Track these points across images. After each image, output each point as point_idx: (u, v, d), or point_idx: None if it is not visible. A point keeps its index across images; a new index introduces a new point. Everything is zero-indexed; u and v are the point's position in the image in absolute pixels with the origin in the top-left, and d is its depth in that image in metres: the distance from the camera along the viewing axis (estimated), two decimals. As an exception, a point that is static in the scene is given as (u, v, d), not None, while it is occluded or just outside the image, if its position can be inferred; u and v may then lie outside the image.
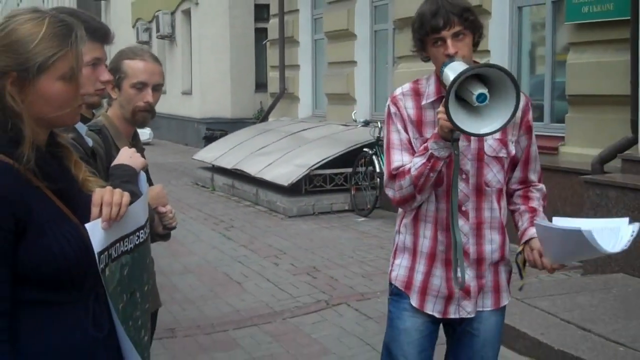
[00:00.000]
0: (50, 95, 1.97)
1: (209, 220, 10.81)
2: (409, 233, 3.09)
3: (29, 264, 1.92)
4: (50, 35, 1.95)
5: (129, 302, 2.27)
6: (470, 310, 3.06)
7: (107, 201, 2.03)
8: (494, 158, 2.98)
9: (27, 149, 1.92)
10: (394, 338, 3.14)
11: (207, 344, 5.85)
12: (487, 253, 3.05)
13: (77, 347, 2.03)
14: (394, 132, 3.01)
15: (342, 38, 12.94)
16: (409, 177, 2.88)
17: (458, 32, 2.85)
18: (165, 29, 22.14)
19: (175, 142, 22.23)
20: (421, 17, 2.88)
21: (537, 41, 9.19)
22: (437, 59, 2.90)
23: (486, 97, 2.61)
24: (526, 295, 6.11)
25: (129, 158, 2.69)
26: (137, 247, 2.28)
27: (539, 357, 5.18)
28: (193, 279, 7.71)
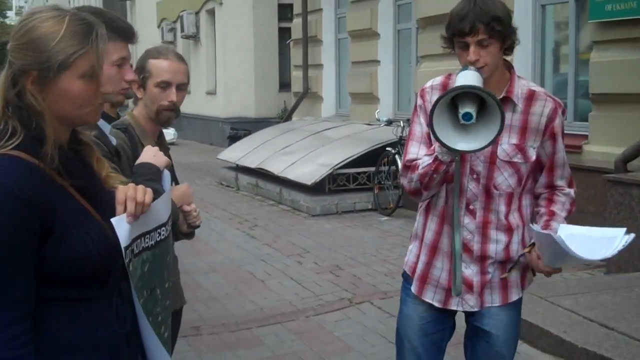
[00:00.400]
0: (71, 94, 1.97)
1: (233, 219, 10.88)
2: (420, 222, 3.22)
3: (54, 263, 1.94)
4: (71, 34, 1.95)
5: (150, 298, 2.30)
6: (473, 304, 3.13)
7: (131, 197, 2.05)
8: (507, 162, 2.99)
9: (50, 148, 1.93)
10: (400, 321, 3.32)
11: (231, 341, 5.91)
12: (491, 252, 3.08)
13: (101, 343, 2.05)
14: (416, 124, 3.08)
15: (366, 37, 12.97)
16: (417, 173, 2.97)
17: (482, 40, 2.84)
18: (190, 28, 22.21)
19: (199, 141, 22.32)
20: (451, 18, 2.90)
21: (560, 40, 9.16)
22: (460, 60, 2.94)
23: (472, 116, 2.65)
24: (549, 293, 6.12)
25: (153, 157, 2.72)
26: (158, 243, 2.31)
27: (562, 354, 5.19)
28: (217, 278, 7.77)
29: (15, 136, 1.93)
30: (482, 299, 3.13)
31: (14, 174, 1.89)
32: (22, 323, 1.89)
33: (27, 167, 1.92)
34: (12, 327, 1.88)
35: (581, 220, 7.59)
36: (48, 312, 1.97)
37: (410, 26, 12.12)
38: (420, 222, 3.21)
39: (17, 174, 1.89)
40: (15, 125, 1.94)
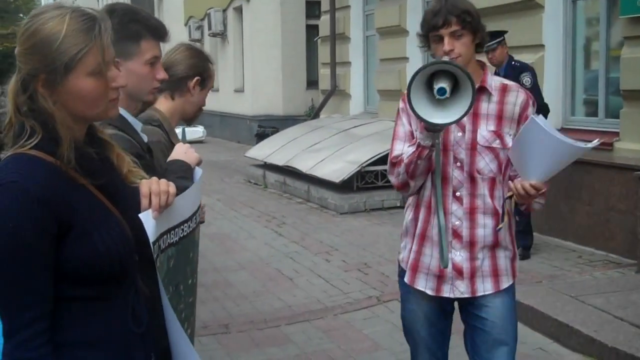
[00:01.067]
0: (81, 93, 1.97)
1: (261, 217, 10.92)
2: (409, 217, 3.39)
3: (75, 262, 1.94)
4: (73, 32, 1.94)
5: (174, 295, 2.32)
6: (463, 290, 3.28)
7: (155, 191, 2.07)
8: (487, 148, 3.19)
9: (66, 148, 1.93)
10: (405, 318, 3.50)
11: (260, 339, 5.94)
12: (480, 237, 3.24)
13: (117, 342, 2.06)
14: (399, 126, 3.34)
15: (394, 34, 12.95)
16: (403, 166, 3.19)
17: (455, 31, 3.10)
18: (217, 26, 22.27)
19: (227, 139, 22.40)
20: (425, 16, 3.18)
21: (591, 35, 9.09)
22: (436, 55, 3.18)
23: (446, 91, 2.84)
24: (580, 292, 6.11)
25: (184, 154, 2.72)
26: (182, 239, 2.33)
27: (593, 354, 5.17)
28: (246, 275, 7.82)
29: (33, 136, 1.94)
30: (473, 286, 3.28)
31: (31, 174, 1.89)
32: (39, 324, 1.90)
33: (45, 166, 1.93)
34: (29, 328, 1.88)
35: (612, 218, 7.56)
36: (66, 311, 1.98)
37: (439, 23, 12.08)
38: (410, 216, 3.39)
39: (34, 173, 1.90)
40: (32, 125, 1.95)
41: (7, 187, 1.86)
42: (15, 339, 1.89)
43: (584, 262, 7.58)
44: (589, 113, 8.96)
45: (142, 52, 2.72)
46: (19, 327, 1.89)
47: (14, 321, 1.89)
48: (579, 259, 7.72)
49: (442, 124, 2.92)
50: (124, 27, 2.66)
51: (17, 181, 1.87)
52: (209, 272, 7.74)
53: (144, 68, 2.73)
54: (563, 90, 8.95)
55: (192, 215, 2.43)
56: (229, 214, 11.20)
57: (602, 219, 7.86)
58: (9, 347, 1.90)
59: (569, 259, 7.71)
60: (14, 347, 1.89)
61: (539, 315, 5.77)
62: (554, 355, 5.33)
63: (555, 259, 7.73)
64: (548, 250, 8.08)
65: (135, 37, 2.70)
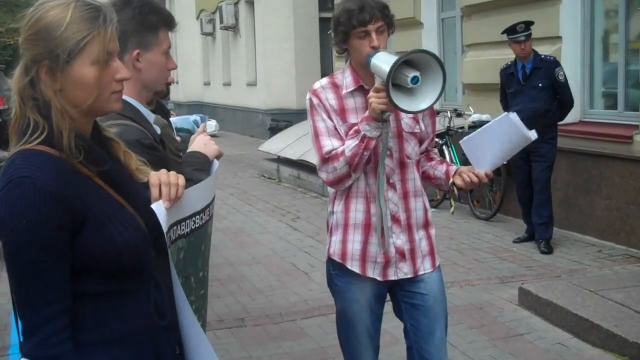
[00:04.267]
0: (84, 81, 1.97)
1: (275, 211, 10.94)
2: (340, 211, 3.45)
3: (93, 256, 1.95)
4: (77, 19, 1.95)
5: (185, 286, 2.30)
6: (407, 271, 3.45)
7: (165, 181, 2.09)
8: (411, 134, 3.42)
9: (67, 138, 1.93)
10: (346, 308, 3.52)
11: (276, 333, 5.96)
12: (414, 219, 3.45)
13: (141, 335, 2.06)
14: (319, 121, 3.40)
15: (409, 26, 12.91)
16: (343, 159, 3.25)
17: (380, 26, 3.25)
18: (229, 19, 22.25)
19: (240, 133, 22.42)
20: (349, 12, 3.24)
21: (610, 27, 9.05)
22: (360, 50, 3.27)
23: (419, 79, 2.98)
24: (600, 287, 6.10)
25: (204, 145, 2.73)
26: (193, 232, 2.34)
27: (613, 348, 5.16)
28: (261, 270, 7.84)
29: (38, 131, 1.94)
30: (415, 267, 3.46)
31: (40, 168, 1.89)
32: (59, 321, 1.90)
33: (54, 161, 1.93)
34: (48, 325, 1.88)
35: (632, 212, 7.54)
36: (89, 307, 1.98)
37: (455, 14, 12.05)
38: (340, 209, 3.44)
39: (44, 168, 1.89)
40: (37, 120, 1.95)
41: (18, 183, 1.86)
42: (36, 337, 1.88)
43: (604, 257, 7.56)
44: (608, 106, 8.92)
45: (160, 42, 2.75)
46: (39, 324, 1.88)
47: (34, 319, 1.89)
48: (599, 253, 7.71)
49: (419, 110, 3.09)
50: (144, 18, 2.69)
51: (27, 176, 1.86)
52: (223, 266, 7.77)
53: (161, 58, 2.77)
54: (581, 82, 8.92)
55: (205, 207, 2.44)
56: (243, 208, 11.22)
57: (622, 213, 7.84)
58: (30, 345, 1.90)
59: (588, 254, 7.70)
60: (35, 346, 1.89)
61: (559, 310, 5.76)
62: (573, 350, 5.32)
63: (574, 254, 7.71)
64: (567, 244, 8.07)
65: (154, 28, 2.73)
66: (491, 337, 5.64)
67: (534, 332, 5.71)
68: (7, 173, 1.89)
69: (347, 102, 3.38)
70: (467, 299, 6.45)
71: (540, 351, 5.36)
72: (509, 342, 5.54)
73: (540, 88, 7.74)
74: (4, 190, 1.87)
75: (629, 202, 7.75)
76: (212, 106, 25.21)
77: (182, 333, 2.24)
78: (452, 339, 5.58)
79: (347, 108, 3.37)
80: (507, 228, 8.95)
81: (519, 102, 7.78)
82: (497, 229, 8.96)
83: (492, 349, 5.42)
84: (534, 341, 5.53)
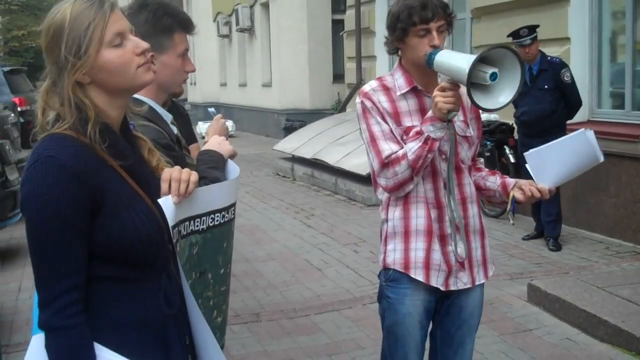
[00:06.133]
0: (105, 65, 2.04)
1: (290, 209, 10.94)
2: (398, 218, 3.20)
3: (105, 241, 2.00)
4: (77, 14, 2.01)
5: (199, 281, 2.34)
6: (466, 281, 3.24)
7: (175, 178, 2.12)
8: (463, 137, 3.22)
9: (90, 126, 2.00)
10: (399, 322, 3.24)
11: (290, 328, 5.96)
12: (472, 225, 3.25)
13: (150, 322, 2.10)
14: (374, 125, 3.15)
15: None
16: (405, 162, 3.03)
17: (441, 25, 3.06)
18: (245, 22, 22.29)
19: (256, 133, 22.44)
20: (409, 9, 3.03)
21: (617, 29, 8.99)
22: (417, 49, 3.08)
23: (497, 75, 2.83)
24: (608, 283, 6.06)
25: (218, 144, 2.72)
26: (211, 228, 2.34)
27: (620, 344, 5.13)
28: (276, 266, 7.85)
29: (65, 120, 2.02)
30: (472, 276, 3.26)
31: (67, 150, 1.96)
32: (73, 294, 1.95)
33: (79, 145, 2.00)
34: (64, 297, 1.94)
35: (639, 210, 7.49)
36: (97, 290, 2.03)
37: (465, 16, 12.00)
38: (399, 217, 3.19)
39: (69, 150, 1.97)
40: (65, 111, 2.03)
41: (44, 162, 1.94)
42: (51, 308, 1.94)
43: (611, 254, 7.52)
44: (616, 106, 8.86)
45: (175, 45, 2.75)
46: (55, 296, 1.94)
47: (50, 290, 1.94)
48: (607, 250, 7.66)
49: (500, 107, 2.92)
50: (158, 21, 2.69)
51: (52, 156, 1.95)
52: (239, 263, 7.77)
53: (177, 61, 2.76)
54: (589, 83, 8.86)
55: (228, 207, 2.44)
56: (259, 206, 11.23)
57: (629, 211, 7.79)
58: (44, 316, 1.95)
59: (596, 251, 7.66)
60: (50, 316, 1.94)
61: (567, 306, 5.73)
62: (581, 345, 5.29)
63: (582, 251, 7.68)
64: (575, 241, 8.03)
65: (168, 30, 2.73)
66: (501, 332, 5.61)
67: (543, 327, 5.68)
68: (35, 153, 1.98)
69: (400, 105, 3.16)
70: (477, 295, 6.42)
71: (548, 346, 5.33)
72: (518, 337, 5.52)
73: (546, 90, 7.71)
74: (31, 168, 1.95)
75: (636, 200, 7.70)
76: (229, 107, 25.25)
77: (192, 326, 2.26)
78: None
79: (401, 111, 3.15)
80: (516, 226, 8.91)
81: (526, 104, 7.77)
82: (506, 227, 8.91)
83: (502, 343, 5.40)
84: (542, 336, 5.51)
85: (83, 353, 1.96)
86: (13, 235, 9.55)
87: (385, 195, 3.24)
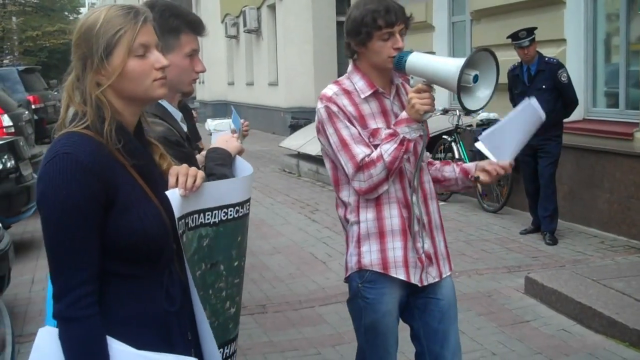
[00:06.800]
0: (125, 72, 2.06)
1: (295, 204, 10.95)
2: (372, 219, 3.12)
3: (112, 237, 2.01)
4: (110, 18, 2.06)
5: (210, 272, 2.35)
6: (435, 275, 3.21)
7: (182, 172, 2.15)
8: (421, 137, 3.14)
9: (107, 125, 2.03)
10: (379, 320, 3.16)
11: (295, 319, 5.97)
12: (434, 221, 3.24)
13: (152, 318, 2.10)
14: (343, 129, 3.08)
15: (421, 29, 12.86)
16: (380, 164, 2.99)
17: (403, 28, 3.09)
18: (252, 23, 22.29)
19: (262, 130, 22.43)
20: (373, 13, 3.02)
21: (611, 31, 8.98)
22: (380, 52, 3.07)
23: (478, 77, 2.87)
24: (602, 276, 6.07)
25: (225, 142, 2.73)
26: (224, 222, 2.36)
27: (615, 335, 5.14)
28: (282, 259, 7.86)
29: (83, 119, 2.04)
30: (439, 270, 3.23)
31: (83, 148, 1.98)
32: (88, 286, 1.96)
33: (94, 143, 2.02)
34: (79, 289, 1.95)
35: (633, 205, 7.50)
36: (105, 285, 2.03)
37: (465, 18, 11.99)
38: (371, 217, 3.12)
39: (85, 147, 1.99)
40: (84, 110, 2.05)
41: (62, 158, 1.96)
42: (66, 300, 1.95)
43: (606, 248, 7.52)
44: (610, 105, 8.85)
45: (182, 45, 2.74)
46: (70, 288, 1.95)
47: (66, 282, 1.95)
48: (601, 244, 7.66)
49: (482, 107, 2.97)
50: (164, 21, 2.69)
51: (69, 152, 1.96)
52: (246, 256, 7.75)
53: (184, 61, 2.76)
54: (585, 82, 8.86)
55: (243, 202, 2.47)
56: (265, 201, 11.24)
57: (623, 206, 7.79)
58: (59, 307, 1.96)
59: (591, 245, 7.66)
60: (65, 307, 1.95)
61: (563, 298, 5.74)
62: (577, 337, 5.30)
63: (578, 245, 7.68)
64: (571, 236, 8.03)
65: (175, 31, 2.72)
66: (499, 323, 5.62)
67: (540, 319, 5.69)
68: (52, 150, 2.00)
69: (363, 108, 3.11)
70: (476, 288, 6.43)
71: (545, 337, 5.34)
72: (516, 328, 5.53)
73: (544, 90, 7.71)
74: (48, 165, 1.97)
75: (629, 196, 7.70)
76: (236, 105, 25.21)
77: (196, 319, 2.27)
78: (462, 326, 5.53)
79: (365, 114, 3.11)
80: (513, 220, 8.91)
81: (524, 103, 7.76)
82: (504, 221, 8.92)
83: (500, 334, 5.41)
84: (539, 327, 5.52)
85: (97, 343, 1.97)
86: (26, 229, 9.60)
87: (354, 198, 3.15)
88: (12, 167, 8.44)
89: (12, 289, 6.53)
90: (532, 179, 8.10)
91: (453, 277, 3.39)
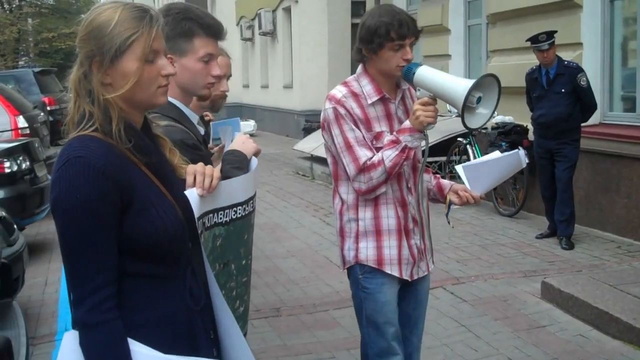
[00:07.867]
0: (131, 76, 2.03)
1: (309, 207, 10.93)
2: (369, 218, 3.34)
3: (134, 237, 1.99)
4: (125, 19, 2.02)
5: (223, 272, 2.35)
6: (424, 269, 3.49)
7: (200, 171, 2.14)
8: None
9: (115, 125, 2.00)
10: (378, 310, 3.38)
11: (309, 322, 5.95)
12: (425, 219, 3.48)
13: (177, 318, 2.09)
14: (349, 132, 3.26)
15: (437, 33, 12.85)
16: (381, 168, 3.19)
17: (413, 41, 3.25)
18: (267, 26, 22.31)
19: (276, 133, 22.46)
20: (387, 25, 3.18)
21: (628, 34, 8.93)
22: (390, 61, 3.23)
23: (481, 98, 3.04)
24: (619, 281, 6.03)
25: (242, 144, 2.70)
26: (233, 221, 2.35)
27: (632, 340, 5.10)
28: (296, 262, 7.84)
29: (92, 120, 2.02)
30: (427, 264, 3.52)
31: (95, 151, 1.96)
32: (107, 289, 1.94)
33: (105, 146, 2.00)
34: (98, 294, 1.93)
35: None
36: (127, 287, 2.01)
37: (481, 22, 11.96)
38: (369, 216, 3.34)
39: (97, 150, 1.97)
40: (91, 110, 2.03)
41: (74, 162, 1.94)
42: (86, 305, 1.93)
43: (622, 253, 7.47)
44: (627, 109, 8.81)
45: (195, 49, 2.68)
46: (89, 293, 1.93)
47: (83, 288, 1.93)
48: (618, 249, 7.61)
49: (480, 126, 3.20)
50: (177, 24, 2.64)
51: (82, 156, 1.94)
52: (260, 259, 7.77)
53: (197, 64, 2.70)
54: (601, 86, 8.81)
55: (248, 200, 2.46)
56: (279, 204, 11.22)
57: None
58: (79, 313, 1.94)
59: (608, 249, 7.61)
60: (84, 313, 1.93)
61: (580, 303, 5.69)
62: (594, 342, 5.26)
63: (595, 249, 7.63)
64: (588, 240, 7.98)
65: (188, 34, 2.67)
66: (515, 328, 5.58)
67: (556, 324, 5.65)
68: (64, 154, 1.98)
69: (369, 111, 3.29)
70: (492, 292, 6.39)
71: (562, 342, 5.30)
72: (532, 333, 5.49)
73: (563, 93, 7.67)
74: (61, 169, 1.95)
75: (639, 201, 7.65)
76: (251, 107, 25.29)
77: (216, 317, 2.26)
78: (477, 330, 5.54)
79: (371, 117, 3.29)
80: (529, 224, 8.86)
81: (543, 107, 7.76)
82: (520, 226, 8.88)
83: (516, 339, 5.37)
84: (555, 333, 5.48)
85: (118, 348, 1.94)
86: (39, 231, 9.61)
87: (352, 197, 3.36)
88: (27, 169, 8.47)
89: (25, 290, 6.54)
90: (549, 183, 8.06)
91: (469, 281, 3.49)
